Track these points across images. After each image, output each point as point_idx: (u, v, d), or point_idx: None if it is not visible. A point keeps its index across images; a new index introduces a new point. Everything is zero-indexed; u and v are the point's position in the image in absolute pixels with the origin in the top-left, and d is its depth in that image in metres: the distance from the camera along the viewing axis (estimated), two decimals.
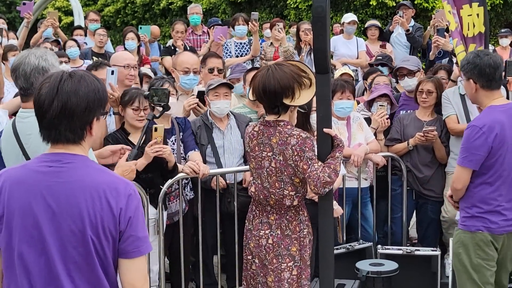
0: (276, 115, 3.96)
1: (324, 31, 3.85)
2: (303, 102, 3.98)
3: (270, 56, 8.73)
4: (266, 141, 3.97)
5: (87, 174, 2.48)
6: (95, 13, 10.88)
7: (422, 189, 6.17)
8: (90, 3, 20.76)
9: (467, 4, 5.54)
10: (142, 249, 2.50)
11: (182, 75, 5.88)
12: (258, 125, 4.06)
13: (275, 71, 3.87)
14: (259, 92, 3.91)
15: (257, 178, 4.08)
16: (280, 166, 3.94)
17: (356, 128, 5.91)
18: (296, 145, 3.86)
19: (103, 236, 2.43)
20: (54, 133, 2.47)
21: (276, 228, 4.05)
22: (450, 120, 6.02)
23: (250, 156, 4.12)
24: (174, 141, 5.29)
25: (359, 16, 12.87)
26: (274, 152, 3.93)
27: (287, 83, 3.84)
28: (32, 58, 3.53)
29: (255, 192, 4.11)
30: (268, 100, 3.92)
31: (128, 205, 2.47)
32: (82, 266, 2.44)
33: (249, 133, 4.10)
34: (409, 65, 6.66)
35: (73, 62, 8.69)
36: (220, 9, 16.01)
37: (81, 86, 2.46)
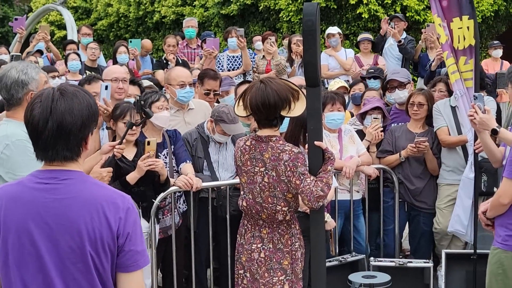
0: (273, 128, 4.01)
1: (314, 44, 3.87)
2: (297, 114, 4.00)
3: (262, 69, 8.78)
4: (259, 156, 3.98)
5: (84, 189, 2.47)
6: (87, 27, 10.91)
7: (414, 201, 6.19)
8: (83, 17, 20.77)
9: (457, 17, 5.56)
10: (141, 263, 2.50)
11: (178, 89, 5.88)
12: (250, 139, 4.07)
13: (271, 84, 3.91)
14: (258, 106, 3.89)
15: (248, 193, 4.08)
16: (273, 182, 3.95)
17: (347, 140, 5.93)
18: (289, 160, 3.88)
19: (102, 251, 2.43)
20: (51, 153, 2.46)
21: (268, 242, 4.05)
22: (441, 132, 6.05)
23: (241, 170, 4.11)
24: (166, 155, 5.29)
25: (351, 29, 12.93)
26: (266, 167, 3.94)
27: (285, 95, 3.89)
28: (13, 72, 3.79)
29: (246, 207, 4.10)
30: (267, 113, 3.92)
31: (126, 220, 2.46)
32: (81, 282, 2.43)
33: (241, 147, 4.10)
34: (400, 77, 6.70)
35: (73, 75, 8.72)
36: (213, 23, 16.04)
37: (74, 103, 2.44)
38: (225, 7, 15.07)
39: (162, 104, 5.25)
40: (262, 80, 3.99)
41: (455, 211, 5.73)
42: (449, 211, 5.92)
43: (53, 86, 2.58)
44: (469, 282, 5.59)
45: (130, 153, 4.93)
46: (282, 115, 3.95)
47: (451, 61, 5.67)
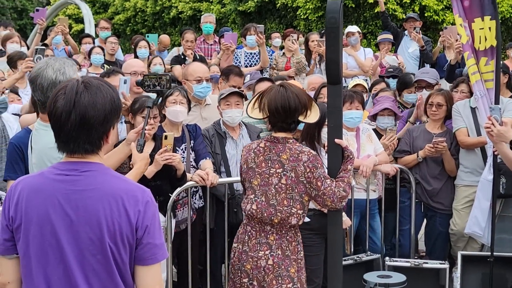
0: (289, 132, 3.97)
1: (337, 41, 3.85)
2: (313, 120, 4.01)
3: (281, 66, 8.76)
4: (275, 157, 3.92)
5: (104, 181, 2.48)
6: (106, 21, 10.95)
7: (430, 201, 6.16)
8: (100, 11, 20.85)
9: (479, 18, 5.52)
10: (159, 256, 2.51)
11: (195, 85, 5.89)
12: (264, 141, 4.02)
13: (291, 88, 3.92)
14: (277, 108, 3.86)
15: (261, 195, 3.95)
16: (292, 183, 3.88)
17: (365, 139, 5.91)
18: (308, 161, 3.85)
19: (121, 243, 2.44)
20: (72, 146, 2.47)
21: (276, 248, 3.95)
22: (460, 133, 6.01)
23: (254, 172, 3.99)
24: (184, 149, 5.30)
25: (369, 28, 12.89)
26: (285, 168, 3.88)
27: (304, 100, 3.91)
28: (50, 72, 3.44)
29: (257, 210, 3.95)
30: (286, 116, 3.90)
31: (145, 213, 2.47)
32: (101, 273, 2.44)
33: (254, 149, 4.02)
34: (429, 78, 6.68)
35: (95, 68, 8.74)
36: (230, 19, 16.05)
37: (97, 98, 2.45)
38: (243, 3, 15.08)
39: (176, 98, 5.24)
40: (282, 84, 3.99)
41: (472, 212, 5.70)
42: (466, 213, 5.88)
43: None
44: (485, 285, 5.56)
45: (148, 147, 4.93)
46: (299, 119, 3.94)
47: (471, 61, 5.63)
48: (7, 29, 9.78)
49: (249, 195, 4.01)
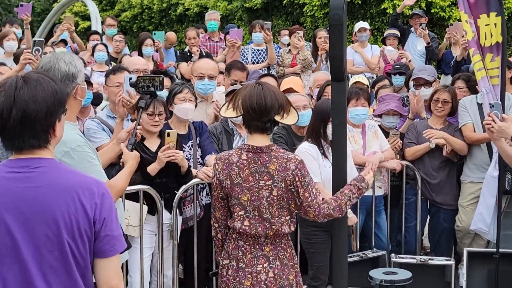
0: (265, 133, 3.72)
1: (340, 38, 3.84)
2: (290, 122, 3.81)
3: (287, 63, 8.75)
4: (262, 169, 3.66)
5: (58, 176, 2.45)
6: (112, 18, 10.96)
7: (434, 196, 6.16)
8: (107, 8, 20.88)
9: (484, 14, 5.51)
10: (118, 247, 2.51)
11: (197, 81, 5.93)
12: (245, 152, 3.70)
13: (269, 86, 3.72)
14: (252, 106, 3.61)
15: (253, 211, 3.68)
16: (282, 193, 3.67)
17: (371, 136, 5.91)
18: (296, 169, 3.65)
19: (79, 238, 2.42)
20: (18, 142, 2.43)
21: (274, 259, 3.75)
22: (466, 129, 6.01)
23: (241, 187, 3.68)
24: (191, 146, 5.31)
25: (375, 25, 12.86)
26: (275, 180, 3.64)
27: (282, 99, 3.71)
28: (62, 64, 3.43)
29: (250, 227, 3.69)
30: (261, 115, 3.64)
31: (102, 205, 2.46)
32: (59, 270, 2.42)
33: (236, 163, 3.69)
34: (426, 75, 6.68)
35: (99, 65, 8.77)
36: (237, 16, 16.04)
37: (38, 91, 2.41)
38: (249, 0, 15.06)
39: (185, 96, 5.26)
40: (259, 82, 3.80)
41: (478, 209, 5.70)
42: (472, 209, 5.88)
43: None
44: (490, 281, 5.56)
45: (154, 145, 4.95)
46: (276, 119, 3.69)
47: (477, 58, 5.62)
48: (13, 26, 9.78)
49: (238, 212, 3.72)
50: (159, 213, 4.89)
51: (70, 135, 3.42)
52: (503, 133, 4.55)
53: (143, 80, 4.56)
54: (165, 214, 4.95)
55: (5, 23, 10.36)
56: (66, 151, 3.38)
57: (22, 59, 5.99)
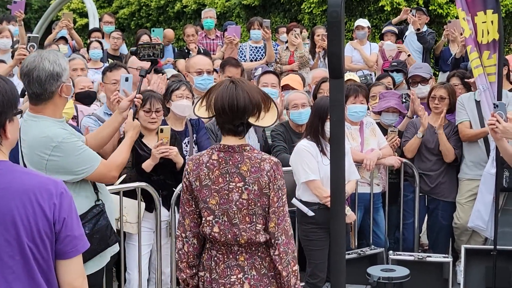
0: (238, 136, 3.38)
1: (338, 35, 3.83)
2: (266, 124, 3.48)
3: (285, 60, 8.77)
4: (233, 169, 3.35)
5: (13, 179, 2.38)
6: (109, 16, 10.96)
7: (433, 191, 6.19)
8: (104, 5, 20.86)
9: (481, 11, 5.53)
10: (80, 248, 2.45)
11: (196, 77, 5.93)
12: (216, 152, 3.40)
13: (242, 85, 3.37)
14: (223, 107, 3.31)
15: (222, 215, 3.36)
16: (254, 197, 3.33)
17: (369, 133, 5.92)
18: (271, 170, 3.34)
19: (39, 241, 2.36)
20: None
21: (250, 269, 3.42)
22: (462, 126, 6.03)
23: (210, 190, 3.37)
24: (188, 143, 5.31)
25: (373, 22, 12.86)
26: (246, 181, 3.33)
27: (257, 99, 3.35)
28: (46, 64, 3.50)
29: (219, 233, 3.37)
30: (233, 117, 3.33)
31: (61, 205, 2.39)
32: (21, 274, 2.35)
33: (206, 163, 3.39)
34: (422, 72, 6.71)
35: (94, 63, 8.76)
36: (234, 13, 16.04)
37: None
38: None
39: (182, 92, 5.26)
40: (233, 79, 3.44)
41: (476, 206, 5.71)
42: (470, 206, 5.90)
43: None
44: (488, 278, 5.57)
45: (152, 142, 4.95)
46: (250, 122, 3.37)
47: (474, 55, 5.64)
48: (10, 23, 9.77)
49: (207, 217, 3.40)
50: (157, 210, 4.89)
51: (54, 131, 3.55)
52: (508, 134, 4.54)
53: (143, 48, 4.59)
54: (163, 211, 4.95)
55: (1, 20, 10.33)
56: (55, 145, 3.52)
57: (17, 54, 6.00)
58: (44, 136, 3.54)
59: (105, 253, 3.83)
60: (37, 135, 3.55)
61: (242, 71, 6.62)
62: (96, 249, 3.71)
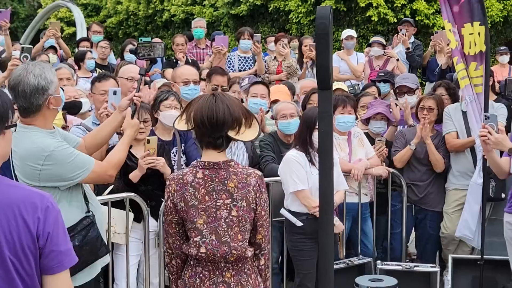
0: (217, 149, 3.36)
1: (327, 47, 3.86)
2: (246, 139, 3.47)
3: (273, 70, 8.81)
4: (220, 186, 3.31)
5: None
6: (98, 25, 10.95)
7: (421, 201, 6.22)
8: (92, 14, 20.82)
9: (468, 23, 5.58)
10: (66, 263, 2.39)
11: (182, 87, 5.93)
12: (201, 170, 3.34)
13: (223, 98, 3.34)
14: (203, 120, 3.28)
15: (210, 235, 3.31)
16: (244, 213, 3.33)
17: (356, 143, 5.95)
18: (256, 184, 3.35)
19: (22, 255, 2.31)
20: None
21: (235, 285, 3.38)
22: (449, 136, 6.08)
23: (196, 210, 3.31)
24: (175, 153, 5.31)
25: (360, 32, 12.93)
26: (234, 198, 3.30)
27: (237, 113, 3.32)
28: (31, 78, 3.50)
29: (207, 253, 3.31)
30: (212, 130, 3.30)
31: (46, 219, 2.34)
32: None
33: (191, 182, 3.33)
34: (409, 83, 6.76)
35: (85, 72, 8.75)
36: (223, 22, 16.07)
37: None
38: (235, 7, 15.10)
39: (171, 103, 5.26)
40: (214, 93, 3.42)
41: (463, 216, 5.75)
42: (457, 216, 5.93)
43: None
44: None
45: (140, 152, 4.94)
46: (229, 135, 3.33)
47: (461, 66, 5.69)
48: None
49: (194, 238, 3.33)
50: (145, 221, 4.88)
51: (45, 141, 3.56)
52: (500, 145, 4.56)
53: (143, 47, 4.58)
54: (151, 221, 4.94)
55: None
56: (47, 155, 3.52)
57: (10, 65, 5.99)
58: (35, 147, 3.54)
59: (95, 264, 3.82)
60: (28, 146, 3.55)
61: (228, 80, 6.64)
62: (86, 260, 3.70)
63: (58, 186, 3.62)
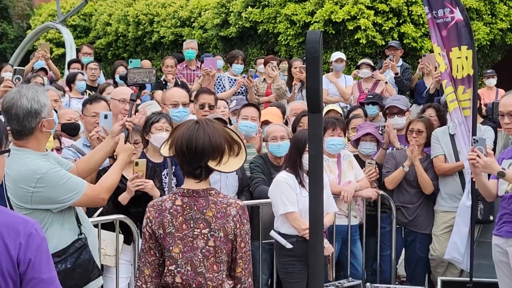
0: (196, 179, 3.23)
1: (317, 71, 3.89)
2: (228, 170, 3.31)
3: (262, 92, 8.86)
4: (198, 215, 3.19)
5: None
6: (88, 47, 10.98)
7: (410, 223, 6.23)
8: (82, 35, 20.84)
9: (456, 47, 5.66)
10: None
11: (171, 109, 5.95)
12: (180, 197, 3.24)
13: (205, 126, 3.22)
14: (182, 147, 3.19)
15: (185, 265, 3.19)
16: (220, 244, 3.18)
17: (346, 165, 5.97)
18: (237, 215, 3.21)
19: (2, 281, 2.27)
20: None
21: None
22: (437, 160, 6.12)
23: (173, 238, 3.21)
24: (166, 175, 5.32)
25: (348, 54, 13.02)
26: (212, 228, 3.18)
27: (218, 142, 3.20)
28: (24, 101, 3.53)
29: (182, 283, 3.20)
30: (191, 158, 3.19)
31: (28, 245, 2.31)
32: None
33: (170, 209, 3.22)
34: (400, 104, 6.80)
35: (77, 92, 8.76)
36: (212, 44, 16.14)
37: None
38: (224, 29, 15.18)
39: (162, 125, 5.29)
40: (198, 120, 3.32)
41: (452, 238, 5.77)
42: (446, 238, 5.96)
43: None
44: None
45: (130, 173, 4.94)
46: (209, 166, 3.21)
47: (450, 89, 5.76)
48: None
49: (169, 267, 3.22)
50: (135, 243, 4.87)
51: (38, 163, 3.57)
52: (489, 168, 4.57)
53: (135, 73, 4.63)
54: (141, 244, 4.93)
55: None
56: (39, 177, 3.54)
57: (2, 86, 6.01)
58: (27, 169, 3.55)
59: (87, 287, 3.81)
60: (20, 168, 3.56)
61: (216, 99, 6.68)
62: (78, 283, 3.69)
63: (50, 209, 3.63)
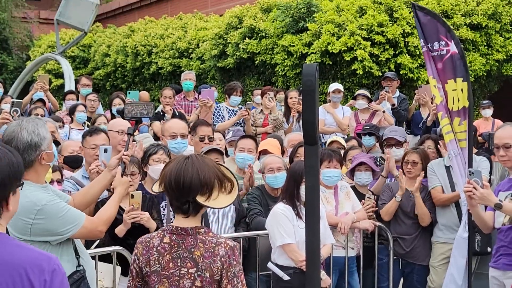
0: (183, 215, 3.16)
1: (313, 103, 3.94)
2: (218, 206, 3.23)
3: (259, 123, 8.91)
4: (186, 254, 3.11)
5: (6, 252, 2.36)
6: (87, 78, 11.05)
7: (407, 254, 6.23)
8: (80, 66, 20.95)
9: (452, 79, 5.72)
10: None
11: (169, 140, 5.98)
12: (168, 235, 3.16)
13: (195, 161, 3.17)
14: (170, 182, 3.12)
15: None
16: (206, 285, 3.08)
17: (343, 196, 5.99)
18: (226, 255, 3.10)
19: None
20: None
21: None
22: (435, 191, 6.14)
23: (159, 276, 3.12)
24: (165, 207, 5.33)
25: (345, 85, 13.08)
26: (199, 267, 3.08)
27: (207, 178, 3.14)
28: (24, 134, 3.58)
29: None
30: (179, 193, 3.12)
31: (52, 282, 2.35)
32: None
33: (157, 247, 3.15)
34: (397, 136, 6.84)
35: (77, 124, 8.81)
36: (210, 75, 16.22)
37: None
38: (222, 60, 15.27)
39: (160, 157, 5.32)
40: (189, 155, 3.27)
41: (449, 270, 5.77)
42: (443, 270, 5.95)
43: None
44: None
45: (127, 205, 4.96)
46: (198, 201, 3.14)
47: (445, 121, 5.80)
48: None
49: None
50: None
51: (37, 195, 3.60)
52: (486, 200, 4.57)
53: (133, 107, 4.67)
54: None
55: None
56: (39, 209, 3.56)
57: (1, 118, 6.04)
58: (27, 201, 3.56)
59: None
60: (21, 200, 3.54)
61: (213, 130, 6.73)
62: None
63: (49, 241, 3.64)
